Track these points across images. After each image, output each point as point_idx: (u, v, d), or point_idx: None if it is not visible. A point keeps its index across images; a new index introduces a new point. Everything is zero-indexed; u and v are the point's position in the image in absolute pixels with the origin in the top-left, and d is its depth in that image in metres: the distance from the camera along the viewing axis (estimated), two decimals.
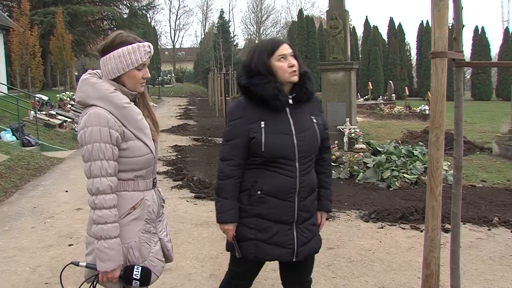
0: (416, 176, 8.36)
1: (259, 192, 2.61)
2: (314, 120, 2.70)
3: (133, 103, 2.43)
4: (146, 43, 2.43)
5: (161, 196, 2.65)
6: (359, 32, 42.36)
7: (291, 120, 2.61)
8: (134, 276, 2.33)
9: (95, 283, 2.39)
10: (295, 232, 2.66)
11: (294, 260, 2.68)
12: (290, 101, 2.61)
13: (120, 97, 2.35)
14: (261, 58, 2.58)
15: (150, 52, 2.43)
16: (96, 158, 2.26)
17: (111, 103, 2.32)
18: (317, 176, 2.78)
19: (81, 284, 2.44)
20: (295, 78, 2.59)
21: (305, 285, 2.89)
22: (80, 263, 2.41)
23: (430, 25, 2.81)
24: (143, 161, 2.41)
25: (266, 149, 2.55)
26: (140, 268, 2.36)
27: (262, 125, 2.56)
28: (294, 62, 2.58)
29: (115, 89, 2.36)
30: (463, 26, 2.44)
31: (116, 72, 2.37)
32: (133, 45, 2.38)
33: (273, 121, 2.58)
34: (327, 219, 2.96)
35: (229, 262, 2.88)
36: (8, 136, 12.29)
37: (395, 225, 5.94)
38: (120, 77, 2.39)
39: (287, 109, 2.62)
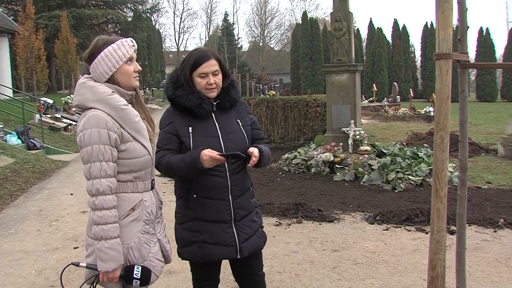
0: (421, 178, 8.34)
1: (194, 196, 2.72)
2: (240, 123, 2.83)
3: (130, 105, 2.46)
4: (128, 38, 2.49)
5: (159, 197, 2.69)
6: (364, 34, 42.49)
7: (217, 124, 2.76)
8: (134, 276, 2.37)
9: (95, 283, 2.41)
10: (234, 230, 2.76)
11: (238, 257, 2.78)
12: (215, 108, 2.77)
13: (118, 99, 2.39)
14: (185, 71, 2.73)
15: (134, 46, 2.48)
16: (96, 159, 2.29)
17: (109, 105, 2.35)
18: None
19: (82, 285, 2.45)
20: (213, 95, 2.74)
21: (257, 279, 2.98)
22: (80, 264, 2.43)
23: (434, 26, 2.80)
24: (141, 163, 2.44)
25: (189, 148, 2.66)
26: (140, 267, 2.39)
27: (190, 130, 2.69)
28: (213, 81, 2.71)
29: (113, 92, 2.40)
30: (468, 27, 2.44)
31: (108, 72, 2.41)
32: (116, 42, 2.43)
33: (200, 126, 2.72)
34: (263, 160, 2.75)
35: (190, 268, 2.98)
36: (14, 140, 12.34)
37: (400, 227, 5.93)
38: (113, 77, 2.43)
39: (213, 115, 2.77)
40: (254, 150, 2.65)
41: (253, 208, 2.91)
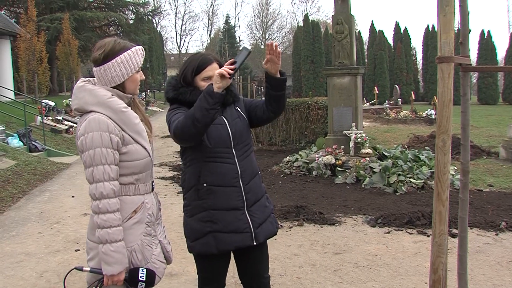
0: (423, 180, 8.33)
1: (205, 185, 2.72)
2: (239, 109, 2.89)
3: (129, 107, 2.47)
4: (139, 47, 2.49)
5: (158, 199, 2.70)
6: (365, 36, 42.32)
7: (222, 115, 2.79)
8: (140, 278, 2.37)
9: (99, 287, 2.40)
10: (248, 215, 2.77)
11: (254, 243, 2.77)
12: None
13: (118, 102, 2.39)
14: (187, 75, 2.77)
15: (144, 55, 2.51)
16: (99, 163, 2.29)
17: (110, 108, 2.35)
18: (265, 101, 2.86)
19: None
20: None
21: (263, 281, 2.98)
22: (84, 268, 2.42)
23: (436, 29, 2.81)
24: (142, 164, 2.45)
25: (204, 139, 2.68)
26: (145, 270, 2.40)
27: None
28: None
29: (112, 95, 2.40)
30: (470, 30, 2.44)
31: (121, 78, 2.41)
32: (131, 49, 2.44)
33: None
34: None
35: (196, 270, 2.96)
36: (15, 142, 12.35)
37: (402, 230, 5.92)
38: (123, 83, 2.43)
39: None
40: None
41: (263, 193, 2.93)
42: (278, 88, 2.78)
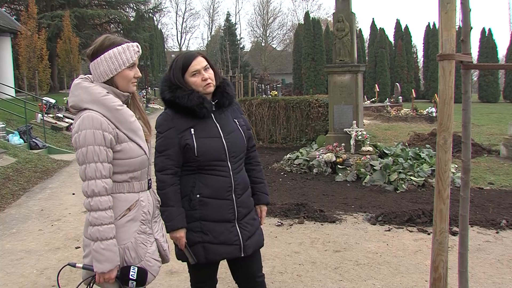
0: (423, 178, 8.32)
1: (198, 196, 2.73)
2: (237, 123, 2.90)
3: (125, 105, 2.46)
4: (134, 43, 2.48)
5: (156, 197, 2.70)
6: (366, 34, 42.38)
7: (217, 124, 2.80)
8: (130, 277, 2.38)
9: (91, 284, 2.41)
10: (238, 228, 2.80)
11: (242, 255, 2.81)
12: (213, 108, 2.79)
13: (113, 100, 2.38)
14: (176, 76, 2.75)
15: (138, 51, 2.49)
16: (91, 160, 2.29)
17: (104, 106, 2.35)
18: (248, 174, 2.97)
19: (78, 285, 2.47)
20: (210, 90, 2.77)
21: (258, 280, 3.00)
22: (77, 265, 2.44)
23: (437, 27, 2.80)
24: (137, 163, 2.44)
25: (199, 153, 2.69)
26: (136, 268, 2.40)
27: (192, 132, 2.71)
28: (207, 75, 2.75)
29: (108, 92, 2.40)
30: (471, 28, 2.43)
31: (109, 74, 2.41)
32: (123, 45, 2.43)
33: (202, 127, 2.74)
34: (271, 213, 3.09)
35: (188, 269, 2.99)
36: (16, 139, 12.35)
37: (402, 228, 5.92)
38: (112, 79, 2.43)
39: (212, 115, 2.80)
40: (263, 218, 3.03)
41: (253, 206, 2.96)
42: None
